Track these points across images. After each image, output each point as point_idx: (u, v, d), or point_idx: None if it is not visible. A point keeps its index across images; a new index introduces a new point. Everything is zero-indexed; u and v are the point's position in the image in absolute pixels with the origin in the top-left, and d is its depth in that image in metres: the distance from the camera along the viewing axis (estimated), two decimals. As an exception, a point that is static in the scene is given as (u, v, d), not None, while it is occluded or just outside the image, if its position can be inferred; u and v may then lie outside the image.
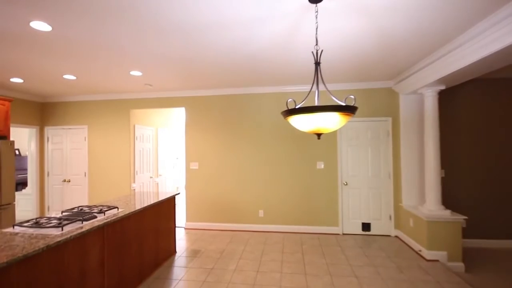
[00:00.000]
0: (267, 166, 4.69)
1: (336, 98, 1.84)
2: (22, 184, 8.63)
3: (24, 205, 5.88)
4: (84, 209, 2.68)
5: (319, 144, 4.56)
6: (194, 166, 4.92)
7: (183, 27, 2.39)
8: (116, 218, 2.46)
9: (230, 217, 4.79)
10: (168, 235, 3.58)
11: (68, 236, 1.92)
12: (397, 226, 4.35)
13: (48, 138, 5.50)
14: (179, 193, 3.82)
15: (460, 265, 3.40)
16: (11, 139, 9.28)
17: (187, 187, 4.97)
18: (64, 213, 2.56)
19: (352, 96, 1.78)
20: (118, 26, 2.36)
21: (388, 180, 4.39)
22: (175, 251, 3.80)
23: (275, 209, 4.66)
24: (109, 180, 5.24)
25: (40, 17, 2.21)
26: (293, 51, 3.00)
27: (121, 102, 5.21)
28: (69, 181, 5.40)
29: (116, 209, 2.71)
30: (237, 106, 4.81)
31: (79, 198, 5.36)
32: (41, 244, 1.77)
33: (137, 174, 5.36)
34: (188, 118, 4.98)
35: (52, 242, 1.80)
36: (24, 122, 5.21)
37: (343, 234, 4.48)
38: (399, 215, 4.31)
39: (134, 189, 5.27)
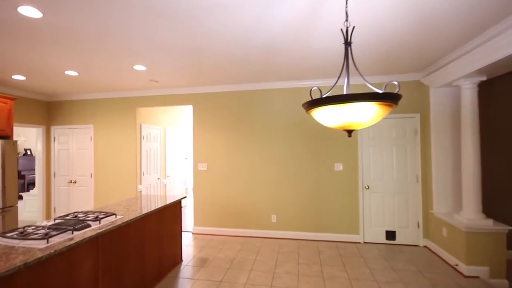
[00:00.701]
0: (281, 168, 4.34)
1: (374, 87, 1.47)
2: (33, 184, 8.64)
3: (31, 206, 5.78)
4: (79, 215, 2.42)
5: (338, 144, 4.17)
6: (203, 167, 4.64)
7: (190, 9, 2.08)
8: (113, 226, 2.18)
9: (240, 222, 4.47)
10: (173, 242, 3.30)
11: (52, 251, 1.64)
12: (426, 235, 3.90)
13: (54, 138, 5.36)
14: (185, 197, 3.54)
15: (504, 283, 2.95)
16: (22, 138, 9.35)
17: (195, 190, 4.68)
18: (57, 220, 2.31)
19: (396, 82, 1.41)
20: (118, 12, 2.08)
21: (416, 184, 3.95)
22: (181, 259, 3.52)
23: (289, 214, 4.30)
24: (114, 181, 5.03)
25: (28, 2, 1.96)
26: (314, 32, 2.63)
27: (127, 100, 4.99)
28: (75, 182, 5.24)
29: (114, 216, 2.44)
30: (248, 103, 4.49)
31: (85, 200, 5.19)
32: (18, 261, 1.50)
33: (143, 175, 5.13)
34: (196, 117, 4.70)
35: (31, 259, 1.52)
36: (31, 121, 5.08)
37: (365, 243, 4.07)
38: (429, 223, 3.86)
39: (141, 191, 5.04)
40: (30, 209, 5.80)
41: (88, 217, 2.35)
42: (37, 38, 2.59)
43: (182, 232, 4.62)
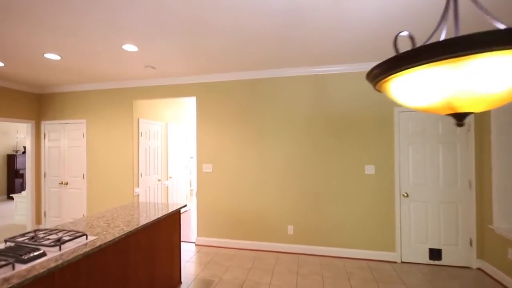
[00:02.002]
0: (299, 170, 3.66)
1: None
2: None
3: (22, 208, 5.29)
4: (38, 235, 1.82)
5: (369, 141, 3.45)
6: (207, 168, 4.00)
7: None
8: (78, 255, 1.56)
9: (250, 233, 3.81)
10: (170, 261, 2.67)
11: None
12: (482, 255, 3.14)
13: (44, 134, 4.83)
14: (185, 205, 2.90)
15: None
16: (21, 135, 8.93)
17: (198, 194, 4.05)
18: (7, 243, 1.71)
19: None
20: None
21: (469, 191, 3.20)
22: (180, 281, 2.89)
23: (309, 225, 3.62)
24: (108, 184, 4.46)
25: None
26: (351, -4, 1.94)
27: (122, 92, 4.40)
28: (67, 184, 4.70)
29: (84, 237, 1.82)
30: (259, 94, 3.82)
31: (77, 204, 4.64)
32: None
33: (141, 176, 4.54)
34: (200, 110, 4.06)
35: None
36: (18, 115, 4.56)
37: (402, 262, 3.35)
38: (485, 241, 3.10)
39: (138, 195, 4.45)
40: (21, 212, 5.31)
41: (48, 239, 1.74)
42: (7, 11, 2.00)
43: (184, 243, 4.02)
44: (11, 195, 5.68)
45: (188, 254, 3.66)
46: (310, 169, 3.62)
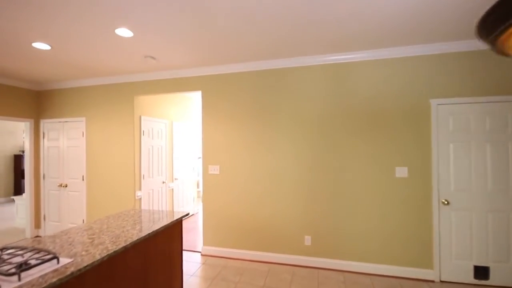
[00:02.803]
0: (317, 172, 3.21)
1: None
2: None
3: (23, 211, 5.06)
4: (3, 256, 1.47)
5: (401, 138, 2.96)
6: (214, 170, 3.60)
7: None
8: (40, 288, 1.18)
9: (263, 243, 3.39)
10: (168, 281, 2.28)
11: None
12: (542, 276, 2.61)
13: (44, 134, 4.57)
14: (187, 214, 2.51)
15: None
16: (21, 133, 8.82)
17: (204, 199, 3.67)
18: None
19: None
20: None
21: (524, 199, 2.67)
22: (182, 302, 2.50)
23: (329, 235, 3.16)
24: (109, 187, 4.14)
25: None
26: None
27: (122, 87, 4.06)
28: (66, 186, 4.41)
29: (55, 260, 1.45)
30: (271, 87, 3.39)
31: (77, 208, 4.35)
32: None
33: (144, 179, 4.19)
34: (205, 106, 3.67)
35: None
36: (16, 114, 4.30)
37: (441, 281, 2.85)
38: (547, 259, 2.57)
39: (140, 199, 4.11)
40: (22, 214, 5.09)
41: (10, 262, 1.37)
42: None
43: (189, 253, 3.64)
44: (11, 197, 5.48)
45: (193, 266, 3.28)
46: (330, 172, 3.16)
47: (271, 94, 3.39)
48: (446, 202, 2.83)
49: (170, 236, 2.31)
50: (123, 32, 2.48)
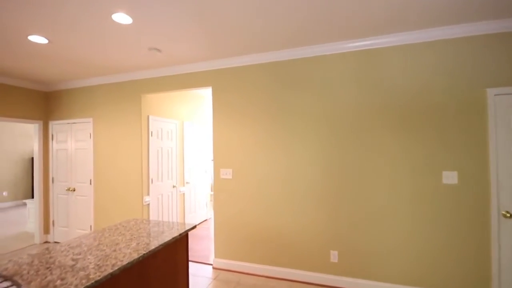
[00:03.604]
0: (344, 178, 2.76)
1: None
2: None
3: (34, 215, 4.94)
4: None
5: (448, 138, 2.46)
6: (226, 174, 3.24)
7: None
8: None
9: (282, 258, 2.98)
10: (172, 307, 1.94)
11: None
12: None
13: (52, 136, 4.42)
14: (194, 227, 2.16)
15: None
16: (33, 135, 8.90)
17: (215, 206, 3.31)
18: None
19: None
20: None
21: None
22: (188, 328, 2.15)
23: (359, 251, 2.70)
24: (116, 191, 3.89)
25: None
26: None
27: (129, 85, 3.81)
28: (74, 190, 4.23)
29: (16, 296, 1.13)
30: (290, 80, 2.98)
31: (85, 213, 4.15)
32: None
33: (152, 183, 3.92)
34: (216, 104, 3.32)
35: None
36: (26, 115, 4.18)
37: (504, 312, 2.31)
38: None
39: (148, 204, 3.83)
40: (33, 219, 4.98)
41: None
42: None
43: (199, 266, 3.28)
44: (27, 200, 5.41)
45: (203, 282, 2.92)
46: (360, 177, 2.70)
47: (289, 88, 2.98)
48: (508, 215, 2.29)
49: (173, 253, 1.96)
50: (121, 18, 2.17)
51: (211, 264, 3.36)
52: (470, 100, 2.40)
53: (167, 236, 1.86)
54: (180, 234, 1.94)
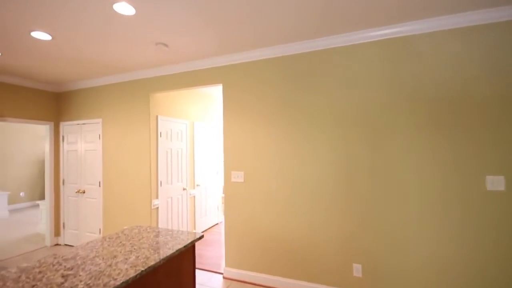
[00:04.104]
0: (369, 183, 2.47)
1: None
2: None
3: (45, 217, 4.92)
4: None
5: (493, 137, 2.12)
6: (238, 177, 3.02)
7: None
8: None
9: (298, 270, 2.72)
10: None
11: None
12: None
13: (63, 137, 4.37)
14: (201, 237, 1.94)
15: None
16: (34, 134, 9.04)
17: (226, 211, 3.10)
18: None
19: None
20: None
21: None
22: None
23: (386, 265, 2.40)
24: (125, 194, 3.76)
25: None
26: None
27: (137, 84, 3.68)
28: (84, 192, 4.15)
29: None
30: (308, 75, 2.73)
31: (94, 215, 4.05)
32: None
33: (161, 185, 3.76)
34: (227, 102, 3.11)
35: None
36: (38, 116, 4.15)
37: None
38: None
39: (157, 208, 3.67)
40: (44, 220, 4.97)
41: None
42: None
43: (209, 274, 3.07)
44: (40, 201, 5.42)
45: (213, 294, 2.71)
46: (386, 182, 2.40)
47: (305, 84, 2.72)
48: None
49: (177, 267, 1.75)
50: (123, 8, 2.00)
51: (221, 273, 3.15)
52: (520, 93, 2.06)
53: (170, 249, 1.65)
54: (185, 246, 1.73)
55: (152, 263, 1.46)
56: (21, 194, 7.40)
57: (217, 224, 5.26)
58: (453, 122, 2.22)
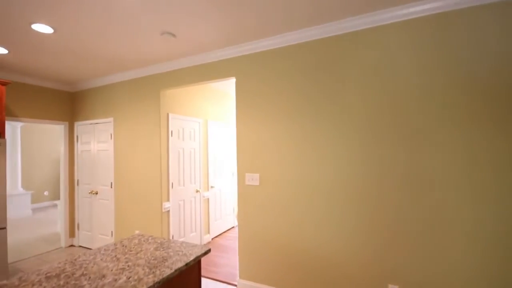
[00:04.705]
0: (407, 188, 2.06)
1: None
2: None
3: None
4: None
5: None
6: (252, 180, 2.73)
7: None
8: None
9: (321, 287, 2.37)
10: None
11: None
12: None
13: (77, 137, 4.31)
14: (208, 251, 1.66)
15: None
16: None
17: (240, 218, 2.81)
18: None
19: None
20: None
21: None
22: None
23: (433, 287, 1.99)
24: (135, 196, 3.60)
25: None
26: None
27: (147, 80, 3.50)
28: (97, 194, 4.05)
29: None
30: (333, 64, 2.37)
31: (106, 217, 3.94)
32: None
33: (172, 187, 3.55)
34: (241, 96, 2.83)
35: None
36: (52, 117, 4.12)
37: None
38: None
39: (168, 211, 3.47)
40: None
41: None
42: None
43: (224, 286, 2.81)
44: (57, 201, 5.47)
45: (225, 310, 2.44)
46: (430, 188, 1.99)
47: (331, 73, 2.37)
48: None
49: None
50: (120, -11, 1.77)
51: (235, 285, 2.87)
52: None
53: (169, 267, 1.39)
54: (186, 264, 1.45)
55: (154, 280, 1.20)
56: (45, 193, 7.61)
57: (233, 227, 5.00)
58: (519, 114, 1.77)
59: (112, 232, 3.86)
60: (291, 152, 2.52)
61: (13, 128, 6.31)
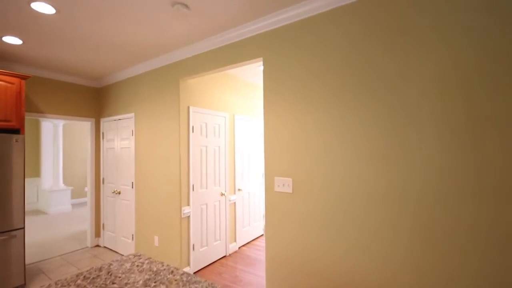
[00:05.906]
0: (486, 200, 1.32)
1: None
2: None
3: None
4: None
5: None
6: (283, 186, 2.16)
7: None
8: None
9: (377, 336, 1.72)
10: None
11: None
12: None
13: (103, 134, 4.18)
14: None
15: None
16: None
17: (268, 235, 2.26)
18: None
19: None
20: None
21: None
22: None
23: None
24: (154, 198, 3.28)
25: None
26: None
27: (166, 69, 3.14)
28: (119, 193, 3.85)
29: None
30: (388, 30, 1.69)
31: (128, 219, 3.70)
32: None
33: (193, 190, 3.15)
34: (269, 82, 2.27)
35: None
36: (79, 113, 4.03)
37: None
38: None
39: (188, 217, 3.07)
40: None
41: None
42: None
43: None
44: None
45: None
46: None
47: (385, 45, 1.69)
48: None
49: None
50: None
51: (262, 314, 2.34)
52: None
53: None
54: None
55: None
56: (85, 189, 7.92)
57: (262, 235, 4.48)
58: None
59: (133, 235, 3.60)
60: (336, 151, 1.90)
61: (55, 126, 6.59)
